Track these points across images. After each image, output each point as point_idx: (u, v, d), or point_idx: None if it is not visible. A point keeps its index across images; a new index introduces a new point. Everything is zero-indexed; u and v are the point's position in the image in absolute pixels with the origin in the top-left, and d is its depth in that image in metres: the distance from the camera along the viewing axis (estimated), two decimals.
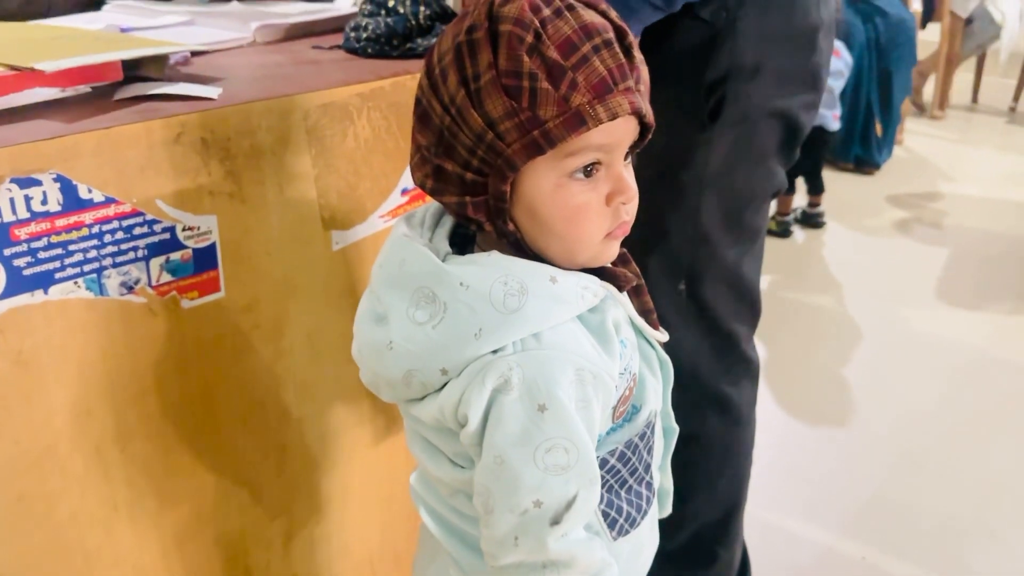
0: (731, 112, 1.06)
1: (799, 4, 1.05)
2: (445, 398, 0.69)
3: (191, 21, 1.25)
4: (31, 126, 0.82)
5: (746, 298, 1.19)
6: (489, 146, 0.65)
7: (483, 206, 0.68)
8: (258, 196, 0.94)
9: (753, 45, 1.03)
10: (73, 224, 0.82)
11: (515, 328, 0.66)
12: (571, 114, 0.64)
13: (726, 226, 1.12)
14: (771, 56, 1.05)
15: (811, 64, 1.08)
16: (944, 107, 4.84)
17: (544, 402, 0.67)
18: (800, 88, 1.09)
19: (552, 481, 0.68)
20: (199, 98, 0.91)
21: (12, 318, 0.81)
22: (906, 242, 3.18)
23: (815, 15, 1.06)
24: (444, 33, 0.70)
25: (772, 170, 1.14)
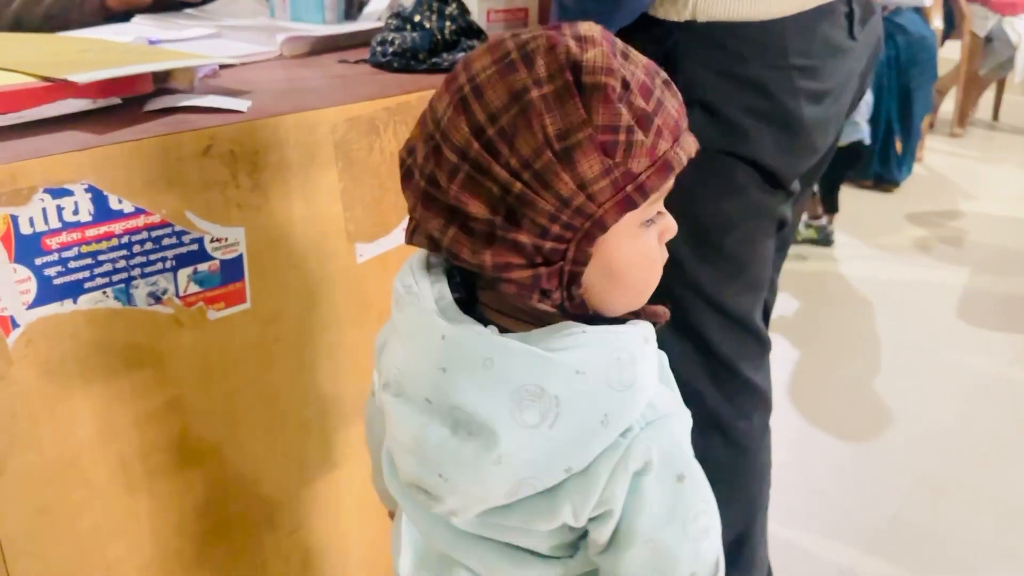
0: None
1: (756, 46, 0.99)
2: (576, 496, 0.62)
3: (218, 34, 1.26)
4: (63, 137, 0.83)
5: (739, 327, 1.16)
6: (577, 210, 0.58)
7: (556, 274, 0.61)
8: (284, 209, 0.95)
9: (698, 83, 0.99)
10: (103, 234, 0.83)
11: (636, 403, 0.61)
12: (661, 163, 0.60)
13: (698, 254, 1.10)
14: (719, 97, 1.00)
15: (778, 110, 1.01)
16: (964, 125, 4.81)
17: (682, 471, 0.63)
18: (762, 134, 1.02)
19: (703, 547, 0.66)
20: (228, 111, 0.91)
21: (41, 327, 0.81)
22: (926, 260, 3.16)
23: (783, 57, 0.99)
24: (482, 87, 0.59)
25: (756, 201, 1.08)
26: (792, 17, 0.99)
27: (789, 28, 0.99)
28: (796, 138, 1.04)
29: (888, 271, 3.07)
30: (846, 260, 3.16)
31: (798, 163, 1.08)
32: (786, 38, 0.99)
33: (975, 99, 4.84)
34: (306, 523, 1.09)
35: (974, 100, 4.85)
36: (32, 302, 0.81)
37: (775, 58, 1.00)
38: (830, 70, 1.05)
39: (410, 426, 0.63)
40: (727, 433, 1.21)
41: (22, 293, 0.80)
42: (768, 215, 1.11)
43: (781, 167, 1.06)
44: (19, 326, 0.80)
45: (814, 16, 1.01)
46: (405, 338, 0.65)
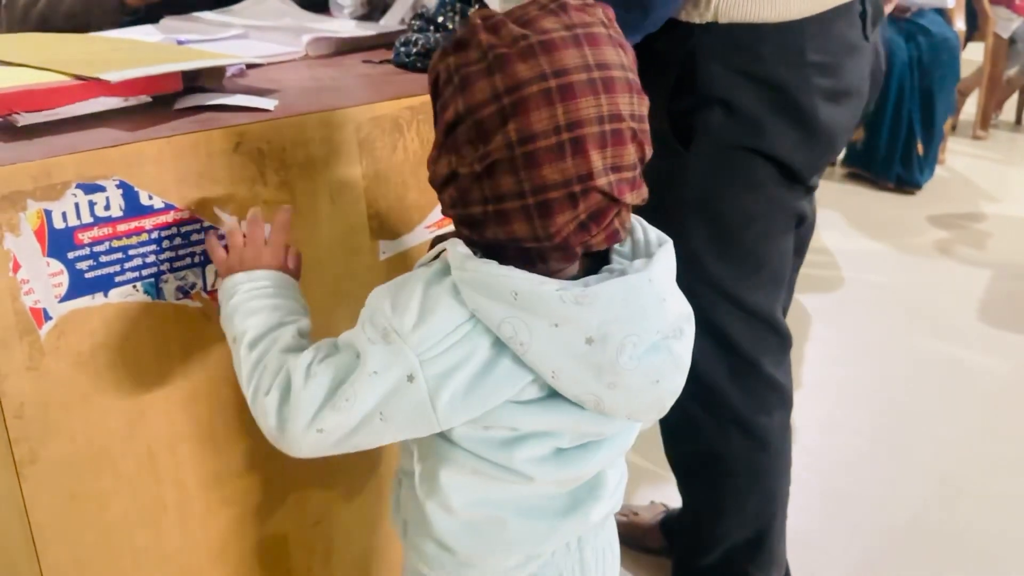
0: (701, 143, 1.06)
1: (774, 44, 1.01)
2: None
3: (245, 35, 1.28)
4: (96, 134, 0.85)
5: (759, 323, 1.17)
6: None
7: None
8: (310, 205, 0.96)
9: (718, 81, 1.01)
10: (134, 229, 0.85)
11: None
12: None
13: (717, 249, 1.11)
14: (738, 95, 1.02)
15: (794, 107, 1.03)
16: (987, 127, 4.77)
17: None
18: (779, 129, 1.04)
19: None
20: (256, 109, 0.93)
21: (73, 319, 0.84)
22: (948, 263, 3.14)
23: (800, 56, 1.01)
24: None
25: (774, 197, 1.10)
26: (810, 17, 1.00)
27: (807, 28, 1.01)
28: (813, 135, 1.06)
29: (909, 274, 3.06)
30: (868, 262, 3.15)
31: (816, 158, 1.09)
32: (804, 38, 1.01)
33: (998, 101, 4.80)
34: (329, 515, 1.10)
35: (997, 102, 4.81)
36: (64, 295, 0.83)
37: (793, 57, 1.01)
38: (847, 68, 1.06)
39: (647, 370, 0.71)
40: (747, 428, 1.21)
41: (55, 286, 0.82)
42: (787, 210, 1.12)
43: (799, 162, 1.07)
44: (52, 318, 0.82)
45: (831, 16, 1.02)
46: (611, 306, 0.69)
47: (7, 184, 0.77)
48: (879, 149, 3.75)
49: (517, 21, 0.67)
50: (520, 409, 0.73)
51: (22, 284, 0.80)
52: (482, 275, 0.68)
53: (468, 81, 0.67)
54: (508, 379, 0.70)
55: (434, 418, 0.71)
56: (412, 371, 0.69)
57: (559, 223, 0.67)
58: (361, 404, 0.70)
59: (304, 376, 0.72)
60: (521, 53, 0.65)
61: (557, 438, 0.76)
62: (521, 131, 0.65)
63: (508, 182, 0.66)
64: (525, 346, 0.68)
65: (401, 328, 0.69)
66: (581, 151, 0.65)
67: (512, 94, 0.65)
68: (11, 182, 0.77)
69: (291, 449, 0.75)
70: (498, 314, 0.68)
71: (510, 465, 0.75)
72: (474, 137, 0.67)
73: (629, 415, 0.74)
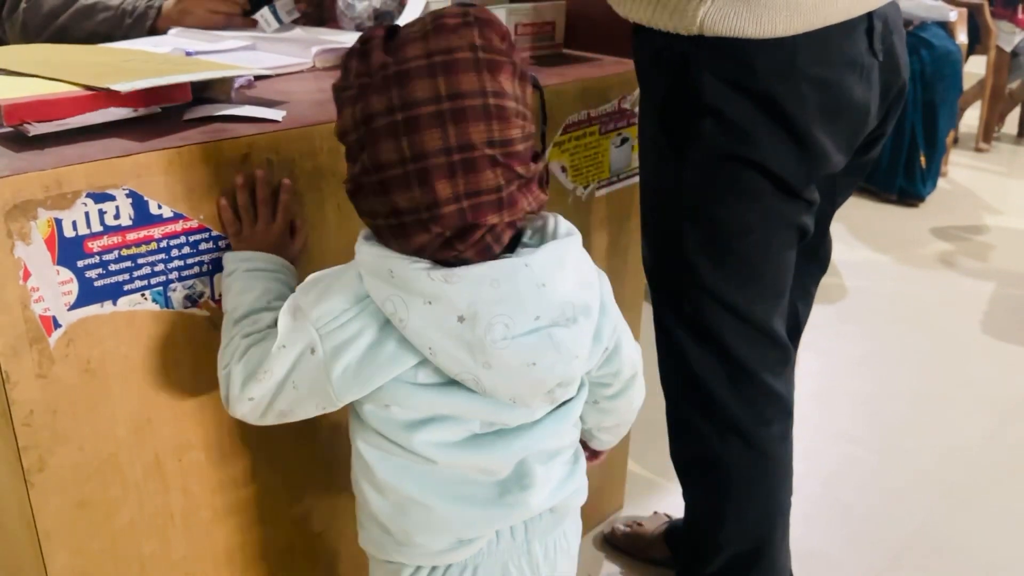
0: (694, 151, 1.06)
1: (765, 56, 1.00)
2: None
3: (253, 46, 1.29)
4: (106, 144, 0.86)
5: (757, 332, 1.17)
6: None
7: None
8: (318, 215, 0.97)
9: (709, 91, 1.01)
10: (143, 238, 0.86)
11: None
12: None
13: (712, 257, 1.11)
14: (729, 105, 1.01)
15: (785, 120, 1.02)
16: (990, 140, 4.78)
17: None
18: (770, 141, 1.03)
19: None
20: (265, 120, 0.94)
21: (82, 327, 0.84)
22: (951, 275, 3.14)
23: (791, 69, 1.00)
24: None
25: (769, 207, 1.08)
26: (803, 35, 1.00)
27: (800, 43, 1.00)
28: (805, 147, 1.05)
29: (913, 285, 3.06)
30: (871, 274, 3.15)
31: (809, 171, 1.08)
32: (796, 52, 1.00)
33: (1001, 114, 4.81)
34: (334, 524, 1.11)
35: (1000, 115, 4.82)
36: (74, 303, 0.83)
37: (785, 70, 1.01)
38: (846, 84, 1.04)
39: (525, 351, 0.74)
40: (747, 438, 1.21)
41: (64, 294, 0.83)
42: (784, 222, 1.12)
43: (791, 174, 1.07)
44: (61, 326, 0.83)
45: (829, 32, 1.01)
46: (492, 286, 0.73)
47: (18, 193, 0.77)
48: (881, 161, 3.76)
49: (388, 48, 0.70)
50: (417, 391, 0.77)
51: (32, 292, 0.80)
52: (368, 256, 0.74)
53: (341, 105, 0.73)
54: (396, 357, 0.75)
55: (330, 389, 0.77)
56: (313, 344, 0.76)
57: (417, 243, 0.72)
58: (276, 375, 0.78)
59: (242, 354, 0.81)
60: (378, 85, 0.69)
61: (467, 424, 0.80)
62: (373, 160, 0.70)
63: (373, 203, 0.73)
64: (404, 323, 0.73)
65: (305, 305, 0.77)
66: (426, 182, 0.69)
67: (367, 124, 0.70)
68: (22, 191, 0.78)
69: (235, 414, 0.83)
70: (382, 293, 0.73)
71: (410, 447, 0.79)
72: (348, 155, 0.74)
73: (512, 397, 0.77)
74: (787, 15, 0.98)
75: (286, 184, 0.92)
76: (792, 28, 0.99)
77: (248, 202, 0.90)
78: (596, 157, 1.35)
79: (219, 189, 0.89)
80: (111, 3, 1.47)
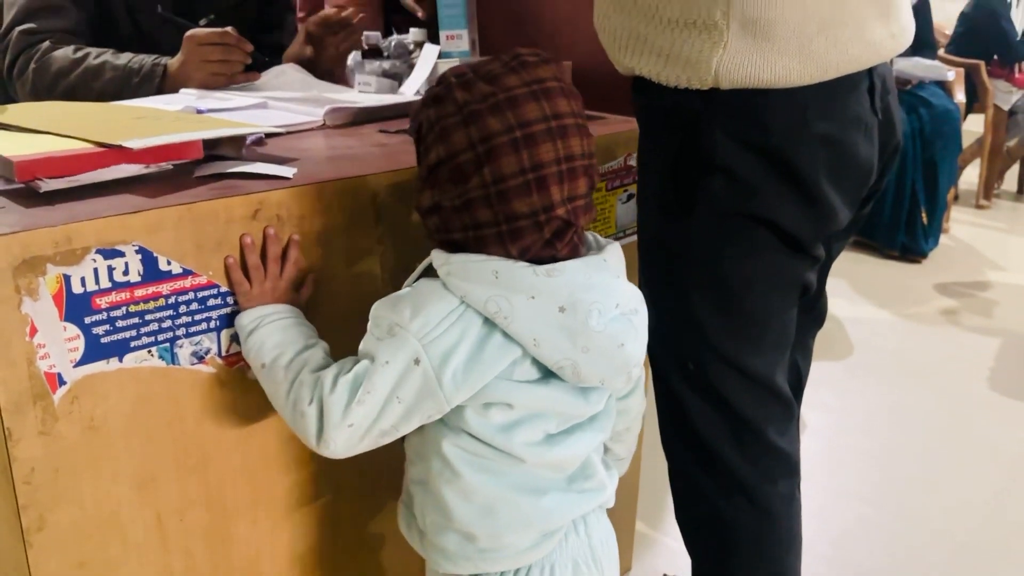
0: (703, 209, 1.06)
1: (777, 114, 1.00)
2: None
3: (264, 104, 1.31)
4: (117, 200, 0.86)
5: (761, 388, 1.15)
6: None
7: None
8: (327, 270, 0.97)
9: (720, 149, 1.02)
10: (151, 295, 0.85)
11: None
12: None
13: (718, 314, 1.10)
14: (740, 163, 1.02)
15: (795, 177, 1.03)
16: (990, 197, 4.82)
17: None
18: (780, 197, 1.04)
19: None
20: (275, 177, 0.94)
21: (87, 384, 0.83)
22: (956, 332, 3.13)
23: (803, 127, 1.01)
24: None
25: (775, 262, 1.08)
26: (814, 88, 1.01)
27: (811, 99, 1.01)
28: (814, 204, 1.05)
29: (918, 342, 3.05)
30: (875, 330, 3.14)
31: (818, 228, 1.09)
32: (808, 108, 1.01)
33: (1000, 171, 4.86)
34: None
35: (999, 172, 4.86)
36: (79, 360, 0.83)
37: (797, 128, 1.01)
38: (852, 142, 1.05)
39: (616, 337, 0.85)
40: (752, 497, 1.19)
41: (70, 351, 0.82)
42: (789, 278, 1.12)
43: (801, 231, 1.07)
44: (66, 383, 0.82)
45: (836, 87, 1.02)
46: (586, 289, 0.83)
47: (28, 249, 0.77)
48: (883, 217, 3.78)
49: (485, 78, 0.80)
50: (516, 387, 0.84)
51: (38, 348, 0.80)
52: (466, 263, 0.81)
53: (447, 132, 0.80)
54: (500, 352, 0.82)
55: (441, 395, 0.81)
56: (417, 354, 0.80)
57: (525, 244, 0.82)
58: (379, 392, 0.81)
59: (331, 385, 0.83)
60: (491, 108, 0.79)
61: (546, 422, 0.87)
62: (494, 173, 0.79)
63: (485, 214, 0.80)
64: (509, 319, 0.80)
65: (402, 321, 0.81)
66: (544, 188, 0.80)
67: (485, 143, 0.79)
68: (32, 247, 0.78)
69: (328, 448, 0.84)
70: (483, 294, 0.80)
71: (509, 449, 0.86)
72: (454, 177, 0.81)
73: (601, 380, 0.87)
74: (799, 61, 0.99)
75: (295, 240, 0.93)
76: (805, 75, 1.00)
77: (258, 261, 0.91)
78: (603, 213, 1.36)
79: (229, 245, 0.89)
80: (118, 62, 1.48)
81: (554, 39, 1.48)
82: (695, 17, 0.97)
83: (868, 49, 1.03)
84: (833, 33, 0.98)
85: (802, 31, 0.97)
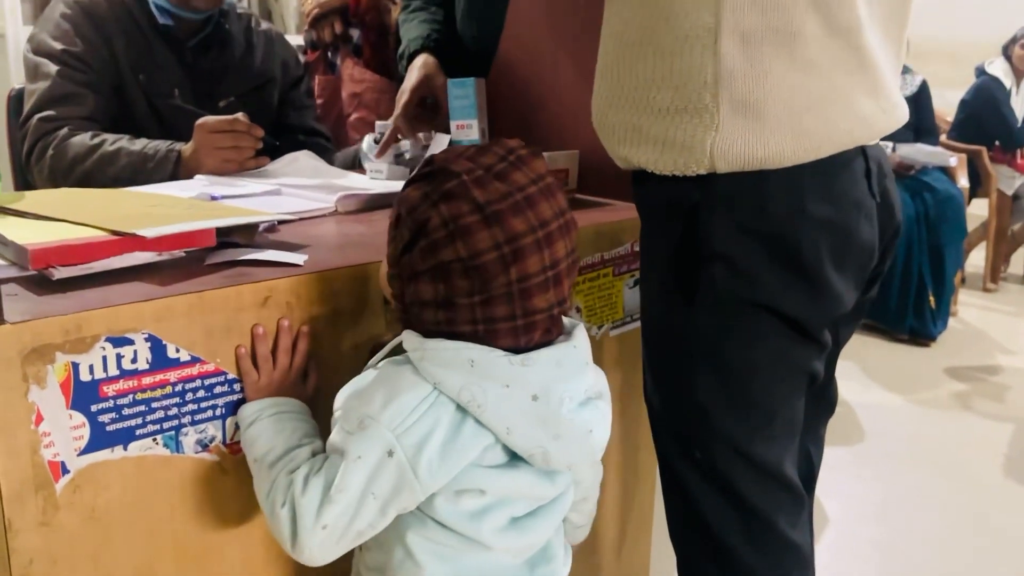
0: (705, 297, 1.05)
1: (776, 199, 1.00)
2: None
3: (277, 191, 1.33)
4: (129, 287, 0.87)
5: (770, 478, 1.13)
6: None
7: None
8: (335, 356, 0.97)
9: (719, 238, 1.01)
10: (158, 382, 0.85)
11: None
12: None
13: (725, 402, 1.09)
14: (739, 251, 1.01)
15: (797, 262, 1.02)
16: (997, 280, 4.82)
17: None
18: (782, 284, 1.03)
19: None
20: (286, 264, 0.95)
21: (90, 473, 0.82)
22: (968, 417, 3.09)
23: (802, 211, 1.01)
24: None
25: (781, 349, 1.07)
26: (810, 170, 1.01)
27: (808, 182, 1.01)
28: (818, 289, 1.04)
29: (930, 428, 3.01)
30: (887, 416, 3.11)
31: (823, 314, 1.08)
32: (806, 192, 1.01)
33: (1006, 255, 4.88)
34: None
35: (1005, 256, 4.88)
36: (84, 448, 0.82)
37: (797, 213, 1.01)
38: (852, 226, 1.05)
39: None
40: None
41: (75, 439, 0.82)
42: (795, 365, 1.10)
43: (804, 316, 1.06)
44: (69, 472, 0.81)
45: (831, 167, 1.03)
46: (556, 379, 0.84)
47: (38, 337, 0.78)
48: (891, 301, 3.78)
49: (497, 176, 0.81)
50: (487, 472, 0.84)
51: (43, 437, 0.79)
52: (442, 350, 0.81)
53: (467, 231, 0.79)
54: (473, 439, 0.81)
55: (417, 485, 0.80)
56: (391, 446, 0.79)
57: (536, 336, 0.84)
58: (353, 489, 0.80)
59: (303, 486, 0.81)
60: (512, 209, 0.80)
61: (513, 506, 0.87)
62: (520, 272, 0.80)
63: (503, 310, 0.81)
64: (482, 408, 0.80)
65: (372, 411, 0.80)
66: (559, 283, 0.83)
67: (512, 244, 0.79)
68: (42, 335, 0.78)
69: (303, 553, 0.81)
70: (457, 382, 0.80)
71: (477, 536, 0.85)
72: (474, 276, 0.80)
73: (568, 465, 0.87)
74: (792, 138, 1.00)
75: (304, 332, 0.93)
76: (799, 151, 1.00)
77: (268, 352, 0.91)
78: (610, 298, 1.36)
79: (238, 332, 0.89)
80: (133, 148, 1.51)
81: (562, 129, 1.51)
82: (686, 103, 0.98)
83: (860, 124, 1.04)
84: (822, 109, 0.99)
85: (791, 109, 0.98)
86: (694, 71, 0.97)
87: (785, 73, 0.97)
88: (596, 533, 1.42)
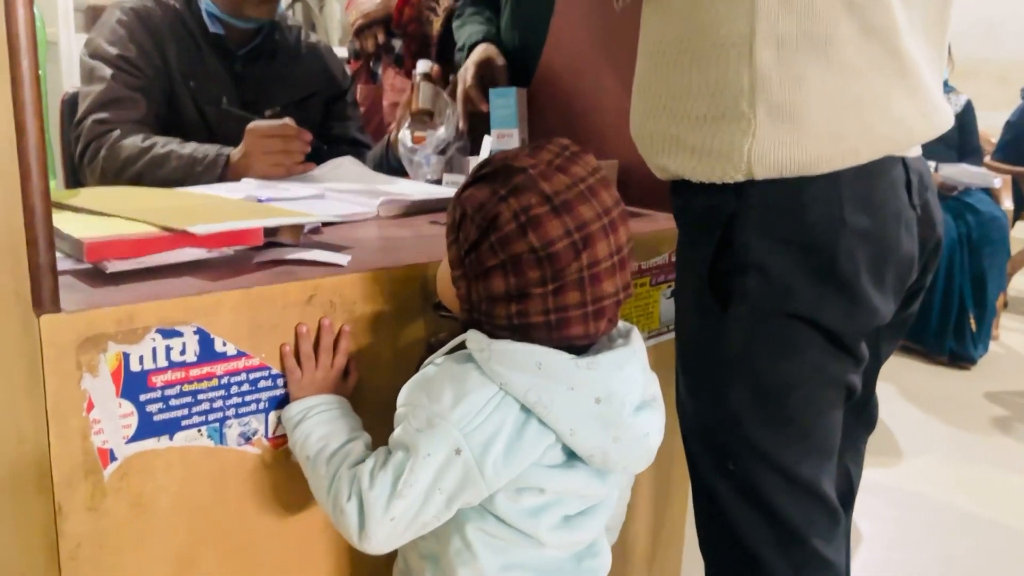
0: (739, 306, 1.04)
1: (813, 208, 0.99)
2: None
3: (321, 195, 1.35)
4: (179, 282, 0.89)
5: (805, 493, 1.11)
6: None
7: None
8: (374, 356, 0.99)
9: (754, 247, 1.01)
10: (205, 375, 0.87)
11: None
12: None
13: (759, 413, 1.07)
14: (774, 261, 1.01)
15: (834, 273, 1.01)
16: None
17: None
18: (817, 294, 1.02)
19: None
20: (330, 264, 0.97)
21: (137, 461, 0.85)
22: (1008, 442, 3.04)
23: (840, 220, 1.00)
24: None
25: (817, 363, 1.06)
26: (849, 178, 1.00)
27: (847, 191, 1.00)
28: (854, 301, 1.03)
29: (970, 451, 2.96)
30: (926, 438, 3.06)
31: (858, 326, 1.06)
32: (844, 203, 1.00)
33: None
34: None
35: None
36: (132, 436, 0.84)
37: (835, 224, 1.00)
38: (890, 236, 1.04)
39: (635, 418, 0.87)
40: None
41: (124, 427, 0.84)
42: (832, 378, 1.09)
43: (841, 329, 1.04)
44: (117, 459, 0.84)
45: (870, 176, 1.01)
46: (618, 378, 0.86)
47: (92, 327, 0.80)
48: (931, 323, 3.73)
49: (559, 169, 0.84)
50: (547, 472, 0.86)
51: (93, 424, 0.82)
52: (510, 351, 0.82)
53: (539, 221, 0.81)
54: (537, 439, 0.84)
55: (482, 483, 0.82)
56: (458, 445, 0.81)
57: (603, 325, 0.86)
58: (421, 484, 0.82)
59: (369, 480, 0.83)
60: (579, 198, 0.83)
61: (567, 505, 0.89)
62: (591, 257, 0.82)
63: (575, 296, 0.83)
64: (548, 409, 0.82)
65: (442, 410, 0.81)
66: (624, 267, 0.86)
67: (582, 230, 0.82)
68: (96, 325, 0.80)
69: (370, 544, 0.84)
70: (524, 384, 0.82)
71: (534, 532, 0.87)
72: (546, 264, 0.82)
73: (625, 467, 0.89)
74: (830, 142, 0.99)
75: (346, 331, 0.95)
76: (836, 157, 0.99)
77: (311, 351, 0.93)
78: (647, 308, 1.36)
79: (283, 328, 0.91)
80: (183, 151, 1.55)
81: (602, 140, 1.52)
82: (723, 110, 0.98)
83: (898, 128, 1.02)
84: (860, 112, 0.98)
85: (828, 112, 0.97)
86: (730, 79, 0.97)
87: (821, 77, 0.96)
88: (628, 542, 1.42)
